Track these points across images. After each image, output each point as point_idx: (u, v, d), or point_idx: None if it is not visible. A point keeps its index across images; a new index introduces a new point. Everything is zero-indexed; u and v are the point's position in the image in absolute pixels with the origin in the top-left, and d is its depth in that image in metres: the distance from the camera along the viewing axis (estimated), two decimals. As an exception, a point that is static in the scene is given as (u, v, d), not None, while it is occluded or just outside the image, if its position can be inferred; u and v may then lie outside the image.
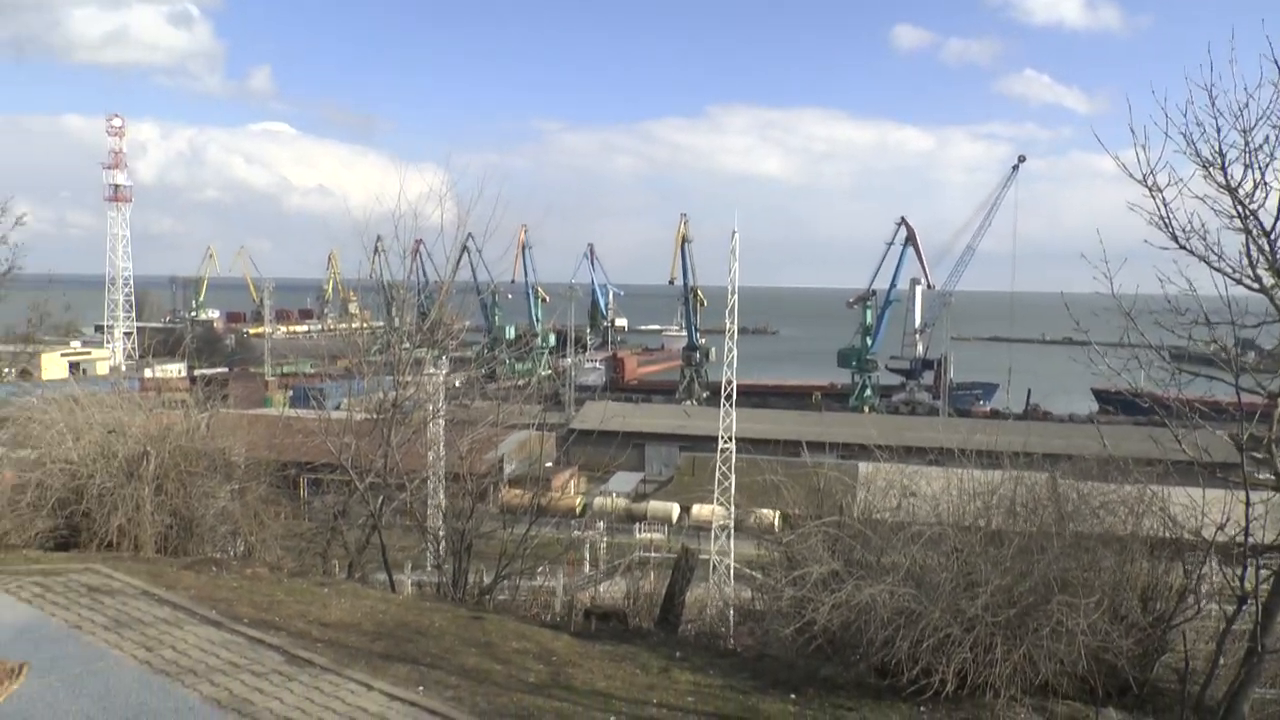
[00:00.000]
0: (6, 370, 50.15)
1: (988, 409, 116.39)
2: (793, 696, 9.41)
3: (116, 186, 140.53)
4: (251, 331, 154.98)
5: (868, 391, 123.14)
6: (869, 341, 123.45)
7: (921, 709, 8.99)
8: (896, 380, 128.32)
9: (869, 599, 9.41)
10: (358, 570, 16.02)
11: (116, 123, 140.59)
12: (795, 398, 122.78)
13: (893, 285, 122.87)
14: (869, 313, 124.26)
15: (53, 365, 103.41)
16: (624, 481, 77.61)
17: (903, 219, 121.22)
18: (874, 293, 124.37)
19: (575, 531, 31.95)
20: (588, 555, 43.00)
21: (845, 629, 9.75)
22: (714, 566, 40.67)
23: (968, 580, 9.58)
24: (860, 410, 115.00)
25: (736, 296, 54.16)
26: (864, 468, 13.54)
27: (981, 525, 10.60)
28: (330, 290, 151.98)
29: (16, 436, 16.15)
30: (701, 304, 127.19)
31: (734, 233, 54.15)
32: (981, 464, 11.80)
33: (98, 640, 9.10)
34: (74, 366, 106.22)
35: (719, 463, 52.40)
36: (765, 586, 12.70)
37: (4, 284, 21.19)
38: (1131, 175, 8.51)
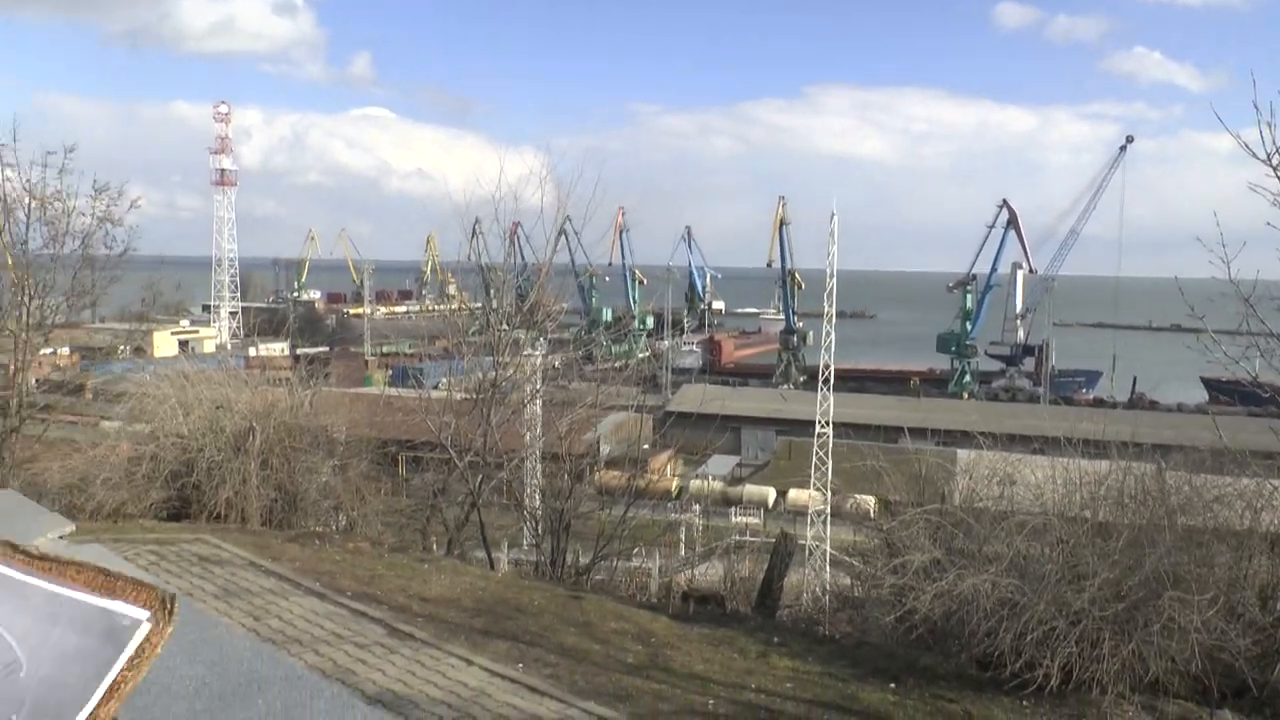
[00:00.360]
0: (121, 348, 51.92)
1: (1090, 397, 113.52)
2: (892, 685, 9.30)
3: (222, 171, 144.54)
4: (351, 312, 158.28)
5: (967, 377, 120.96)
6: (969, 326, 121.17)
7: (1024, 703, 8.80)
8: (996, 366, 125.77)
9: (971, 589, 9.24)
10: (456, 547, 16.25)
11: (223, 109, 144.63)
12: (893, 383, 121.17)
13: (993, 269, 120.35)
14: (969, 297, 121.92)
15: (163, 343, 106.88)
16: (720, 465, 77.50)
17: (1004, 201, 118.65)
18: (974, 277, 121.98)
19: (671, 514, 31.96)
20: (683, 538, 43.01)
21: (946, 619, 9.59)
22: (809, 552, 40.42)
23: (1073, 572, 9.34)
24: (959, 396, 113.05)
25: (835, 280, 53.63)
26: (964, 455, 13.31)
27: (1088, 516, 10.31)
28: (429, 272, 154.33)
29: (132, 411, 16.74)
30: (799, 287, 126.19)
31: (832, 215, 53.65)
32: (1087, 453, 11.49)
33: (208, 608, 9.38)
34: (183, 345, 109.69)
35: (816, 447, 52.04)
36: (864, 574, 12.57)
37: (120, 265, 21.92)
38: (1254, 154, 8.16)
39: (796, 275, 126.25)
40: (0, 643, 1.12)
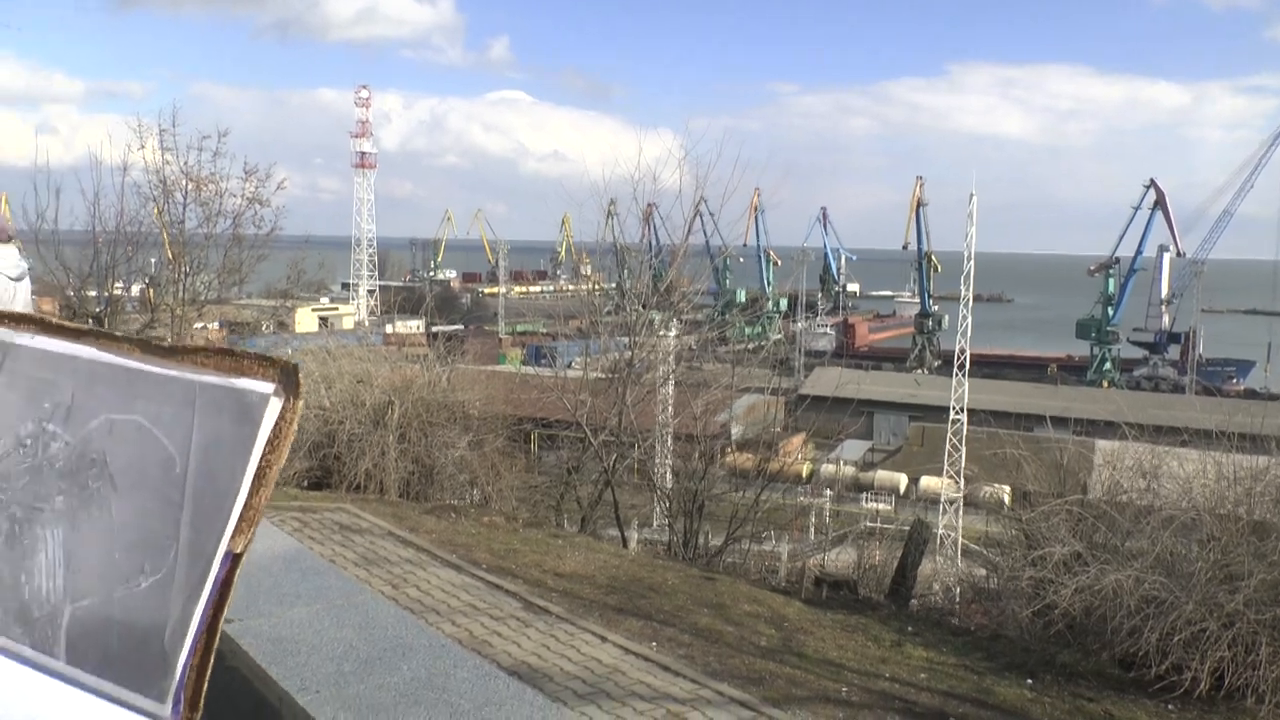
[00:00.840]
0: (265, 323, 53.94)
1: (1242, 387, 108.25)
2: (1029, 681, 9.09)
3: (362, 154, 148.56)
4: (486, 291, 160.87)
5: (1107, 365, 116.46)
6: (1110, 312, 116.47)
7: (1170, 707, 8.50)
8: (1139, 354, 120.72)
9: (1114, 585, 8.97)
10: (589, 525, 16.48)
11: (363, 94, 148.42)
12: (1030, 369, 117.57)
13: (1138, 252, 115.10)
14: (1111, 281, 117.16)
15: (305, 319, 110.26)
16: (852, 449, 76.63)
17: (1151, 181, 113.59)
18: (1117, 260, 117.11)
19: (801, 498, 31.78)
20: (812, 522, 42.71)
21: (1087, 615, 9.33)
22: (940, 541, 39.74)
23: (1226, 572, 8.97)
24: (1099, 385, 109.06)
25: (973, 262, 52.42)
26: (1106, 445, 12.88)
27: (1242, 514, 9.88)
28: (563, 252, 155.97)
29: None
30: (935, 269, 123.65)
31: (971, 195, 52.50)
32: (1241, 447, 10.99)
33: (350, 575, 9.70)
34: (323, 321, 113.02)
35: (949, 434, 51.06)
36: (1000, 565, 12.31)
37: (267, 244, 22.84)
38: None
39: (933, 257, 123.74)
40: (151, 439, 1.05)
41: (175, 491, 0.99)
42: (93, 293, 22.74)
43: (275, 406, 0.99)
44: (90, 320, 19.24)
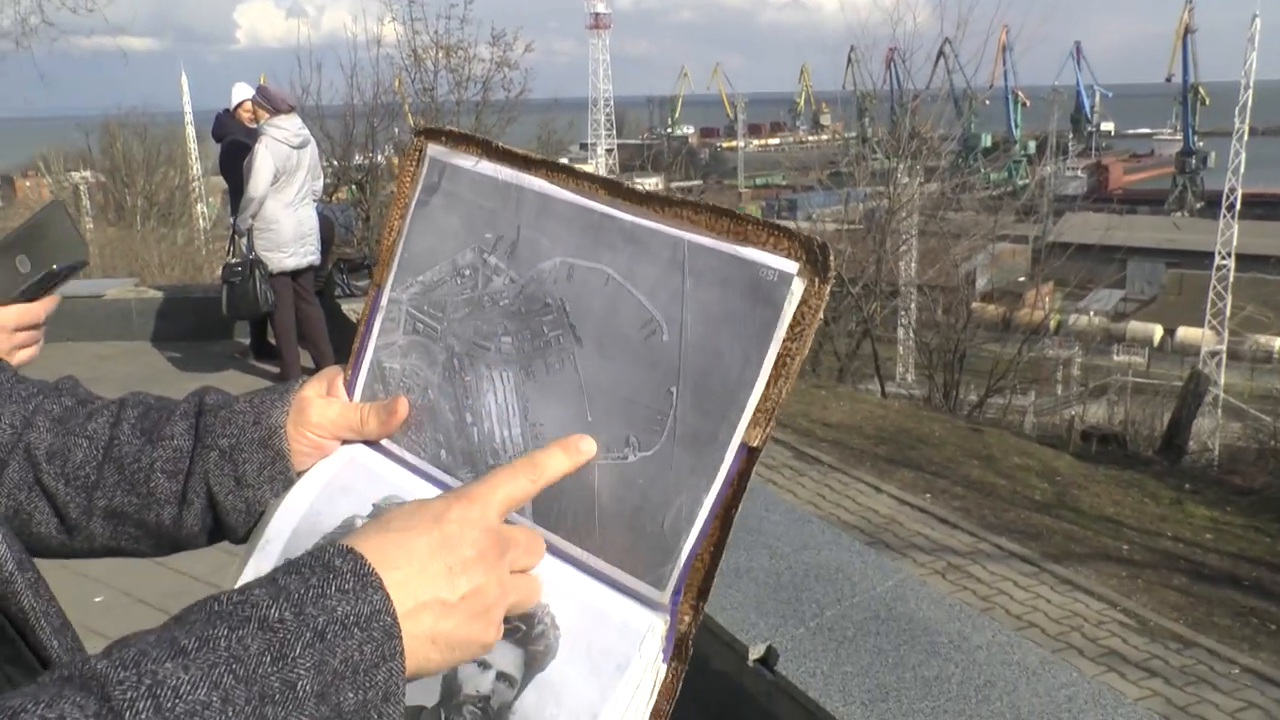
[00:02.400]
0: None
1: None
2: (1330, 543, 8.67)
3: (597, 14, 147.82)
4: (724, 145, 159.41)
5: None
6: None
7: None
8: None
9: None
10: (848, 375, 16.49)
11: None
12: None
13: None
14: None
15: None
16: (1103, 299, 73.07)
17: None
18: None
19: (1049, 350, 30.70)
20: (1059, 376, 41.30)
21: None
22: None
23: None
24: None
25: (1250, 92, 48.06)
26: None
27: None
28: (802, 103, 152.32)
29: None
30: (1203, 102, 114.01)
31: (1254, 16, 47.70)
32: None
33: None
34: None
35: (1214, 281, 47.86)
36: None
37: (515, 107, 23.35)
38: None
39: (1200, 89, 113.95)
40: (625, 296, 0.91)
41: (664, 362, 0.87)
42: (356, 160, 23.95)
43: (798, 288, 0.82)
44: (354, 187, 20.32)
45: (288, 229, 8.35)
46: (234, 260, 8.39)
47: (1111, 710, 3.07)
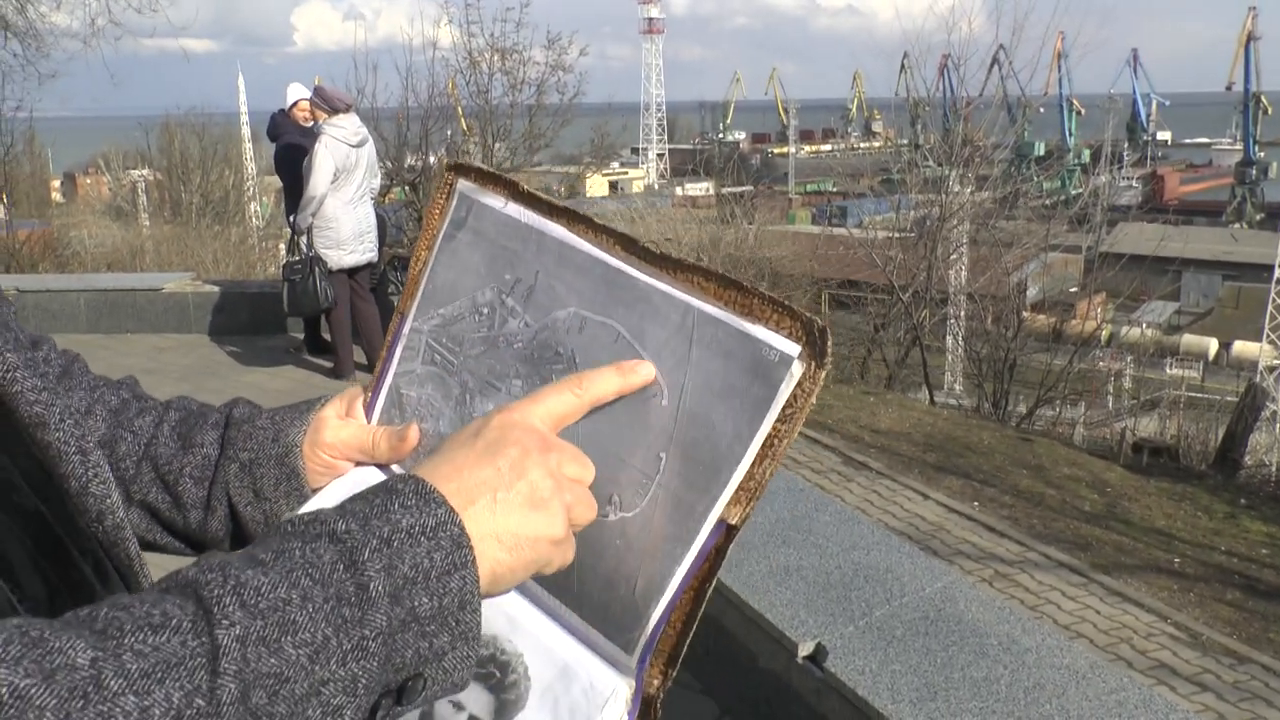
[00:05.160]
0: (556, 188, 55.64)
1: None
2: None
3: (650, 20, 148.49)
4: (776, 151, 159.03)
5: None
6: None
7: None
8: None
9: None
10: (896, 383, 16.43)
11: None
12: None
13: None
14: None
15: (595, 184, 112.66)
16: (1156, 311, 72.05)
17: None
18: None
19: (1100, 363, 30.34)
20: (1111, 388, 40.82)
21: None
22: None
23: None
24: None
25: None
26: None
27: None
28: (854, 109, 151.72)
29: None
30: (1265, 111, 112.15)
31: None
32: None
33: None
34: (613, 186, 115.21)
35: (1273, 294, 47.10)
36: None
37: (569, 110, 23.47)
38: None
39: (1263, 98, 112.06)
40: (631, 355, 0.90)
41: (659, 426, 0.86)
42: (409, 162, 24.17)
43: (797, 371, 0.81)
44: (407, 189, 20.53)
45: (347, 226, 8.47)
46: (294, 258, 8.52)
47: (1163, 715, 3.06)
